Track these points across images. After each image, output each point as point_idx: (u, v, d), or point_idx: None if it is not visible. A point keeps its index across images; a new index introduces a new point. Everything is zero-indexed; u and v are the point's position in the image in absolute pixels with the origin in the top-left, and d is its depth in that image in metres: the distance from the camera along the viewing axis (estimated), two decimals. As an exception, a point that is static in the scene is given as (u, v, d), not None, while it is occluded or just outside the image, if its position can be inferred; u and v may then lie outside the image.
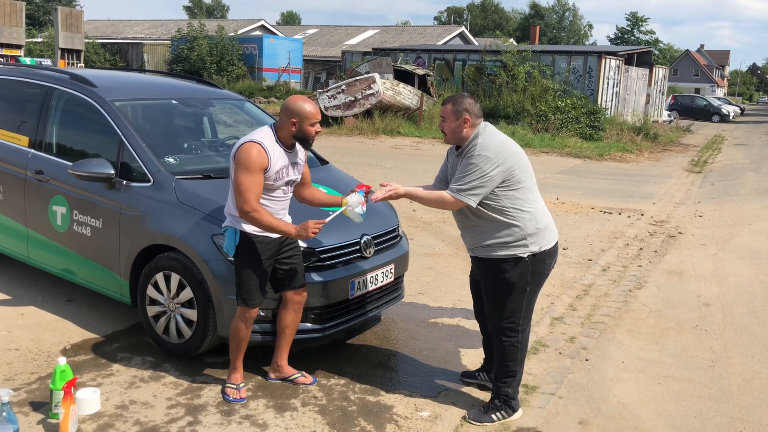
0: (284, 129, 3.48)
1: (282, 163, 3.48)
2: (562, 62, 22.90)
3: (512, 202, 3.40)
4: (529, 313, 3.57)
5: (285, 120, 3.47)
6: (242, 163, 3.34)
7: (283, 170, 3.50)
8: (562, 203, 10.04)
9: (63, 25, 22.15)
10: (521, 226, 3.40)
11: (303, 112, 3.44)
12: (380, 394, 3.78)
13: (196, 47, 30.96)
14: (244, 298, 3.51)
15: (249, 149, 3.36)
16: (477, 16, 79.41)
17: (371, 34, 42.17)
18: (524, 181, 3.43)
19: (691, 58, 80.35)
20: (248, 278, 3.50)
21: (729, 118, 38.78)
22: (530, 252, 3.42)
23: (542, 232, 3.46)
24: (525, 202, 3.43)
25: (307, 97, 3.47)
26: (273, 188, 3.49)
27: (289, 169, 3.54)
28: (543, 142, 17.96)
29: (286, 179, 3.53)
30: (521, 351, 3.57)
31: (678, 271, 6.66)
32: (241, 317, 3.55)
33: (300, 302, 3.71)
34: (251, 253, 3.49)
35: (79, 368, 3.83)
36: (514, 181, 3.39)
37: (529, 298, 3.50)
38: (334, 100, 19.15)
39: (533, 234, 3.42)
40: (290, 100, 3.52)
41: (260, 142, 3.39)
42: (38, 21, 50.19)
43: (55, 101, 4.74)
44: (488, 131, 3.47)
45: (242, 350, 3.66)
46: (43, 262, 4.75)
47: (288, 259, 3.65)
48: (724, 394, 4.03)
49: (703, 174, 14.92)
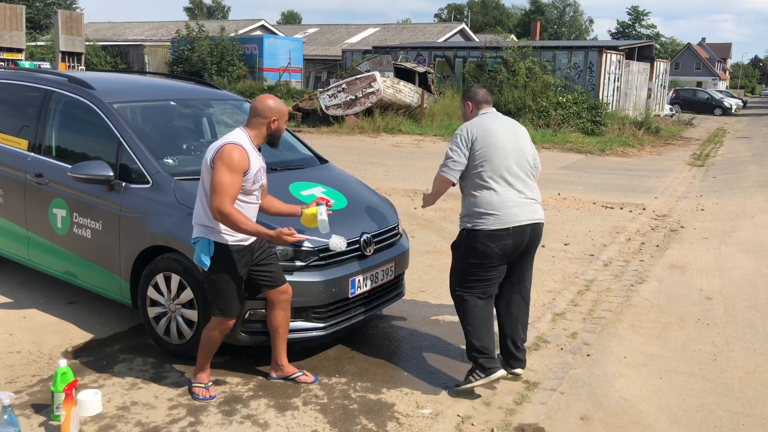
0: (260, 129, 3.45)
1: (258, 165, 3.45)
2: (563, 58, 22.85)
3: (474, 179, 3.77)
4: (468, 284, 3.81)
5: (262, 120, 3.43)
6: (226, 163, 3.27)
7: (259, 173, 3.47)
8: (564, 198, 10.02)
9: (63, 28, 22.16)
10: (473, 202, 3.77)
11: (281, 109, 3.48)
12: (381, 392, 3.79)
13: (197, 48, 30.96)
14: (221, 309, 3.47)
15: (231, 150, 3.30)
16: (477, 13, 79.28)
17: (371, 33, 42.13)
18: (490, 162, 3.73)
19: (692, 51, 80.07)
20: (225, 289, 3.44)
21: (731, 111, 38.64)
22: (467, 227, 3.79)
23: (485, 215, 3.72)
24: (482, 182, 3.74)
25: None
26: (249, 192, 3.44)
27: (262, 172, 3.51)
28: (544, 138, 17.93)
29: (260, 182, 3.50)
30: (466, 316, 3.83)
31: (680, 265, 6.64)
32: (218, 327, 3.52)
33: (286, 300, 3.67)
34: (226, 262, 3.42)
35: (80, 370, 3.84)
36: (480, 161, 3.73)
37: (464, 270, 3.82)
38: (335, 99, 19.14)
39: (474, 214, 3.76)
40: (264, 99, 3.47)
41: (240, 143, 3.36)
42: (39, 24, 50.25)
43: (53, 104, 4.75)
44: (487, 115, 3.91)
45: (212, 354, 3.66)
46: (44, 265, 4.77)
47: (263, 262, 3.59)
48: (726, 388, 4.03)
49: (705, 167, 14.89)
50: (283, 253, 3.80)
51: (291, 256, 3.82)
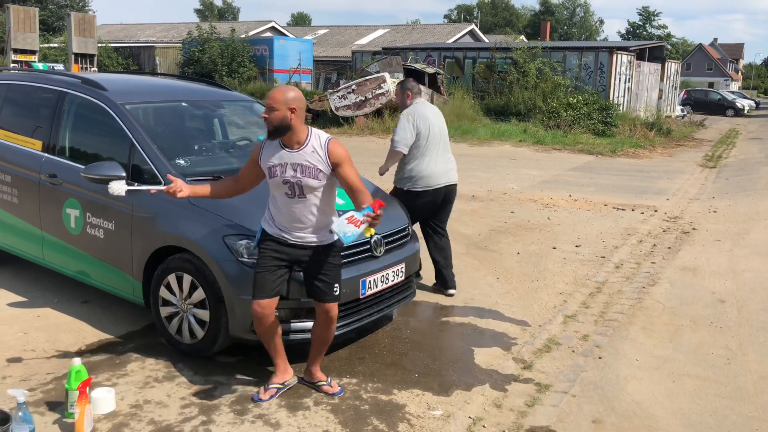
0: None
1: (274, 161, 3.42)
2: (573, 58, 22.77)
3: (413, 151, 5.17)
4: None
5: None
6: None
7: (276, 169, 3.42)
8: (575, 200, 9.98)
9: (76, 30, 22.32)
10: (410, 169, 5.20)
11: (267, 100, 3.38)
12: (392, 392, 3.79)
13: (207, 50, 31.09)
14: (252, 290, 3.51)
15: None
16: (487, 14, 79.10)
17: (381, 34, 42.15)
18: (425, 139, 5.15)
19: (704, 52, 79.50)
20: (256, 272, 3.51)
21: (743, 112, 38.35)
22: (404, 188, 5.27)
23: (414, 178, 5.20)
24: (419, 153, 5.17)
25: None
26: (274, 186, 3.49)
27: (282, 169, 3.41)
28: (555, 139, 17.87)
29: (280, 178, 3.43)
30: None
31: (692, 268, 6.60)
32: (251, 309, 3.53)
33: (327, 319, 3.61)
34: (260, 249, 3.55)
35: (94, 368, 3.87)
36: (419, 138, 5.14)
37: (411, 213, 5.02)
38: (345, 100, 19.17)
39: (410, 179, 5.22)
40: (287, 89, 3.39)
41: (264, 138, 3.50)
42: (52, 26, 50.61)
43: (67, 105, 4.79)
44: (421, 103, 5.29)
45: (272, 348, 3.64)
46: (58, 264, 4.80)
47: (312, 273, 3.57)
48: (740, 391, 3.99)
49: (717, 169, 14.78)
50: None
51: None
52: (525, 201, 9.71)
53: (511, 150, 16.37)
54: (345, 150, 3.46)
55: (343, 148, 3.46)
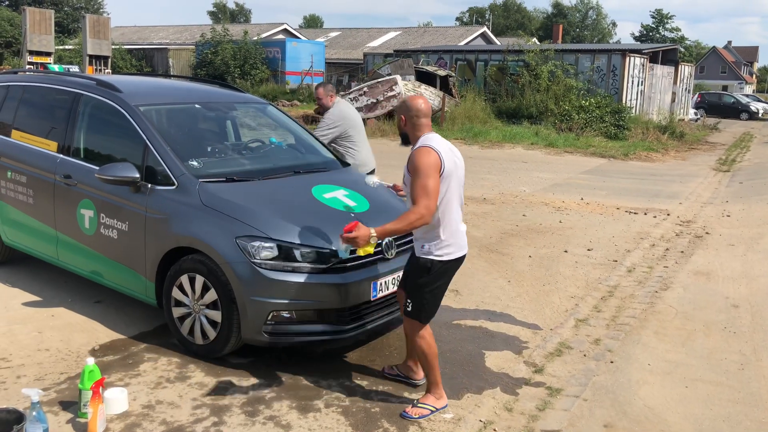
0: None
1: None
2: (586, 61, 22.68)
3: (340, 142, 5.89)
4: None
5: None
6: None
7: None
8: (587, 203, 9.94)
9: (91, 32, 22.55)
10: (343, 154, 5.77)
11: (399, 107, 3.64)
12: (403, 395, 3.78)
13: (220, 52, 31.28)
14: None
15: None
16: (499, 16, 78.92)
17: (393, 36, 42.20)
18: (351, 131, 5.90)
19: (718, 54, 78.87)
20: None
21: (758, 116, 37.97)
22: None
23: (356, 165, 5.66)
24: (347, 145, 5.89)
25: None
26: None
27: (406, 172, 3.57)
28: (567, 142, 17.79)
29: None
30: None
31: (705, 272, 6.55)
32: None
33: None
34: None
35: (107, 368, 3.89)
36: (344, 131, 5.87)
37: None
38: (356, 102, 19.20)
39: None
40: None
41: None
42: (67, 29, 51.12)
43: (82, 107, 4.84)
44: (341, 101, 6.05)
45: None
46: (72, 264, 4.85)
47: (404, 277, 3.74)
48: (754, 397, 3.96)
49: (731, 173, 14.65)
50: (305, 255, 3.82)
51: (313, 258, 3.84)
52: (537, 204, 9.68)
53: (523, 153, 16.32)
54: (417, 159, 3.35)
55: (417, 156, 3.36)
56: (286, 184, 4.49)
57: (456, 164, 3.49)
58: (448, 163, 3.40)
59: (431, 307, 3.55)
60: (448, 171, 3.38)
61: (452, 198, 3.45)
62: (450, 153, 3.48)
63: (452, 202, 3.45)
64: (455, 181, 3.47)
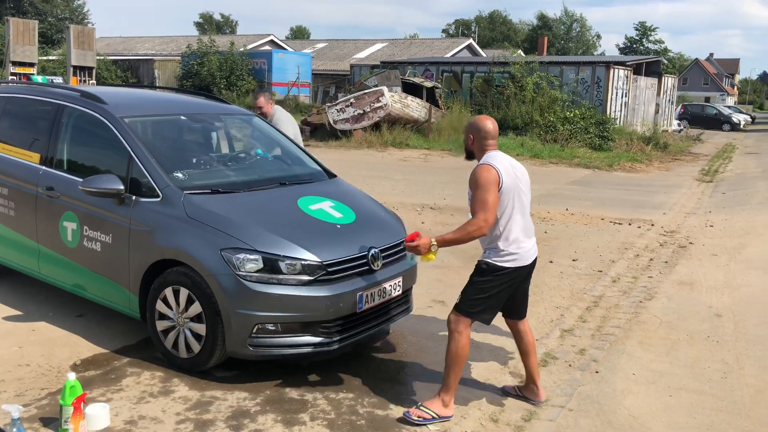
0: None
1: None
2: (571, 73, 22.91)
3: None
4: None
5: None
6: None
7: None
8: (572, 214, 10.00)
9: (75, 42, 22.44)
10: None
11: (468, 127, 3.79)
12: (389, 407, 3.77)
13: (206, 63, 31.23)
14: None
15: None
16: (485, 28, 79.52)
17: (379, 48, 42.38)
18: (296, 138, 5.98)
19: (700, 66, 80.00)
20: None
21: (740, 127, 38.55)
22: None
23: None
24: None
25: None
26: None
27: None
28: (552, 153, 17.93)
29: None
30: None
31: (689, 282, 6.61)
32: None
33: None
34: None
35: (88, 383, 3.85)
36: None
37: None
38: (343, 113, 19.25)
39: None
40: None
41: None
42: (51, 39, 50.78)
43: (65, 118, 4.81)
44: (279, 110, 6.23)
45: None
46: (54, 278, 4.79)
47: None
48: (737, 406, 3.99)
49: (714, 183, 14.83)
50: (291, 267, 3.81)
51: (299, 270, 3.83)
52: (522, 215, 9.71)
53: (509, 163, 16.39)
54: (478, 175, 3.52)
55: (477, 172, 3.53)
56: (271, 196, 4.48)
57: (517, 179, 3.64)
58: (507, 179, 3.55)
59: (477, 305, 3.65)
60: (506, 187, 3.54)
61: (513, 212, 3.61)
62: (510, 169, 3.62)
63: (514, 216, 3.61)
64: (516, 195, 3.62)
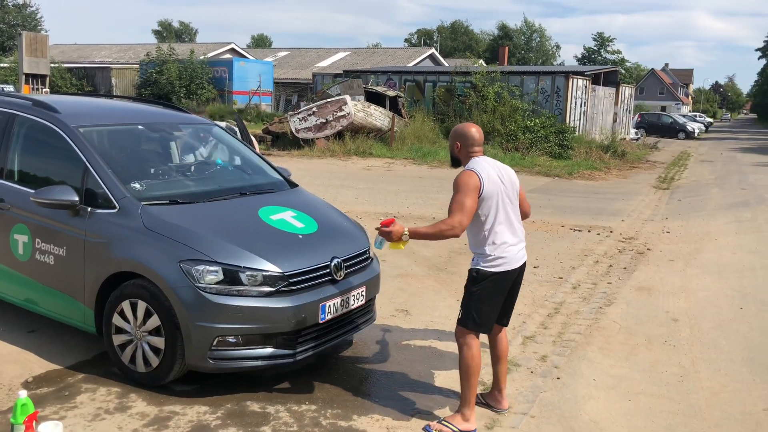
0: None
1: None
2: (531, 82, 23.30)
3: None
4: None
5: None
6: None
7: None
8: (533, 221, 10.13)
9: (27, 49, 21.81)
10: None
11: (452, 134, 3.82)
12: (352, 418, 3.74)
13: (165, 71, 30.79)
14: None
15: None
16: (447, 38, 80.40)
17: (342, 57, 42.45)
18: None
19: (656, 76, 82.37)
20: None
21: (694, 135, 39.74)
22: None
23: None
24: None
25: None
26: None
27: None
28: (513, 161, 18.14)
29: None
30: None
31: (647, 287, 6.75)
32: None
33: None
34: None
35: (41, 401, 3.72)
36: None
37: None
38: (305, 122, 19.17)
39: None
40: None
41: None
42: (2, 46, 49.40)
43: (17, 128, 4.66)
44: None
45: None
46: (3, 293, 4.63)
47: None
48: (693, 408, 4.08)
49: (670, 190, 15.23)
50: (252, 278, 3.76)
51: (260, 281, 3.78)
52: (485, 222, 9.80)
53: (471, 172, 16.55)
54: (460, 179, 3.60)
55: (459, 177, 3.61)
56: (232, 206, 4.41)
57: (501, 185, 3.68)
58: (489, 184, 3.59)
59: (478, 316, 3.65)
60: (488, 192, 3.59)
61: (499, 216, 3.65)
62: (495, 175, 3.67)
63: (499, 220, 3.66)
64: (501, 200, 3.66)
